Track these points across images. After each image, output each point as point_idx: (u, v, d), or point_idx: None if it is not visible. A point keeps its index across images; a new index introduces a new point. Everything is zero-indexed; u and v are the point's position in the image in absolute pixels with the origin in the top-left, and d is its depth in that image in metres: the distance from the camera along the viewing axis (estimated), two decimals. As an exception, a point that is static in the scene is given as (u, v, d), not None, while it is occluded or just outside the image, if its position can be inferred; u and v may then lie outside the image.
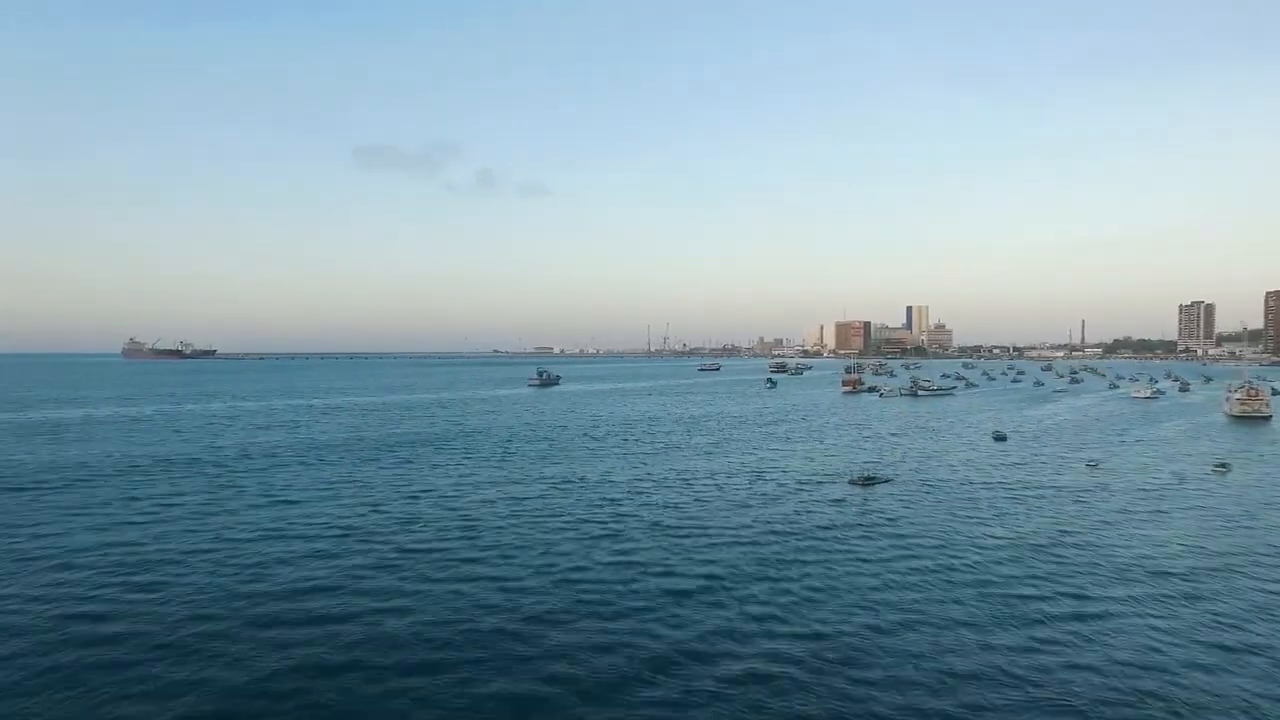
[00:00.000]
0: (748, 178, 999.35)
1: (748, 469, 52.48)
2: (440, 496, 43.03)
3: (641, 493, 44.04)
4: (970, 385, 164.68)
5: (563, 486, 46.04)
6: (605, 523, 36.46)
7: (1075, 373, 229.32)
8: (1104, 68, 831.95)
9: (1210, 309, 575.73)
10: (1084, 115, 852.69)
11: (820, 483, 47.18)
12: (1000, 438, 69.17)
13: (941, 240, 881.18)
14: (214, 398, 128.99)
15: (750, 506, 40.09)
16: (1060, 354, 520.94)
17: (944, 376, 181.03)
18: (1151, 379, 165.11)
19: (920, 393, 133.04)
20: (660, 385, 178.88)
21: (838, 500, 41.70)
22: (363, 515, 37.97)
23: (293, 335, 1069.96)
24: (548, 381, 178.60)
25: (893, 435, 72.94)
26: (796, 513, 38.55)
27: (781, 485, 46.29)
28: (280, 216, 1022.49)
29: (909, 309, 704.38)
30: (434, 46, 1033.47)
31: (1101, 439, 69.79)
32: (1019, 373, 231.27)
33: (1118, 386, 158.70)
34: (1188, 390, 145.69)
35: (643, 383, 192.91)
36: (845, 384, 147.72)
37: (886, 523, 36.40)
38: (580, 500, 41.90)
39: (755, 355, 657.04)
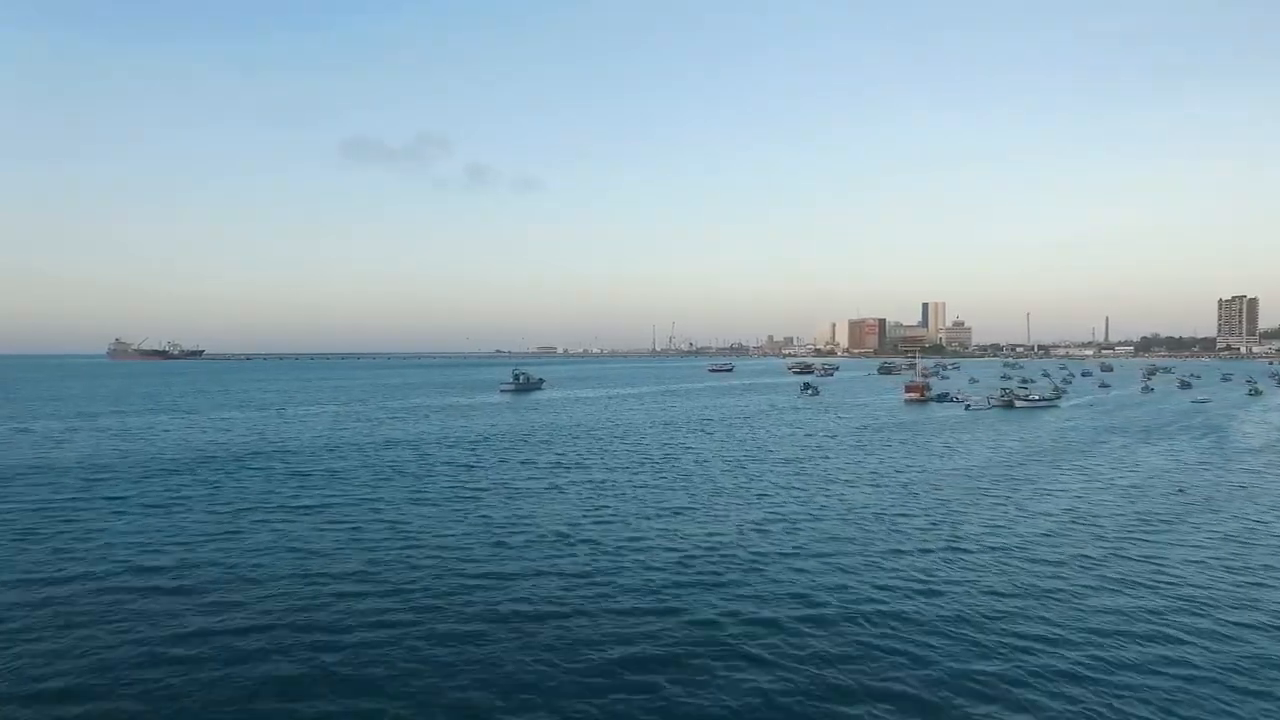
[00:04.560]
0: (751, 174, 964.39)
1: None
2: None
3: None
4: (1060, 392, 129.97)
5: None
6: None
7: (1169, 374, 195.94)
8: (1120, 57, 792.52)
9: (1254, 304, 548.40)
10: (1089, 112, 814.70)
11: None
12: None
13: (950, 238, 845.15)
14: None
15: None
16: (1089, 352, 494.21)
17: (1005, 380, 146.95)
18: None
19: (1018, 404, 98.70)
20: (665, 391, 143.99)
21: None
22: None
23: (288, 335, 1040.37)
24: (525, 386, 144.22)
25: (1141, 535, 36.01)
26: None
27: None
28: (269, 213, 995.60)
29: (925, 306, 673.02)
30: (412, 35, 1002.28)
31: None
32: (1085, 374, 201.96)
33: (1260, 392, 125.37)
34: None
35: (645, 387, 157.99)
36: (910, 391, 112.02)
37: None
38: None
39: (764, 354, 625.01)
